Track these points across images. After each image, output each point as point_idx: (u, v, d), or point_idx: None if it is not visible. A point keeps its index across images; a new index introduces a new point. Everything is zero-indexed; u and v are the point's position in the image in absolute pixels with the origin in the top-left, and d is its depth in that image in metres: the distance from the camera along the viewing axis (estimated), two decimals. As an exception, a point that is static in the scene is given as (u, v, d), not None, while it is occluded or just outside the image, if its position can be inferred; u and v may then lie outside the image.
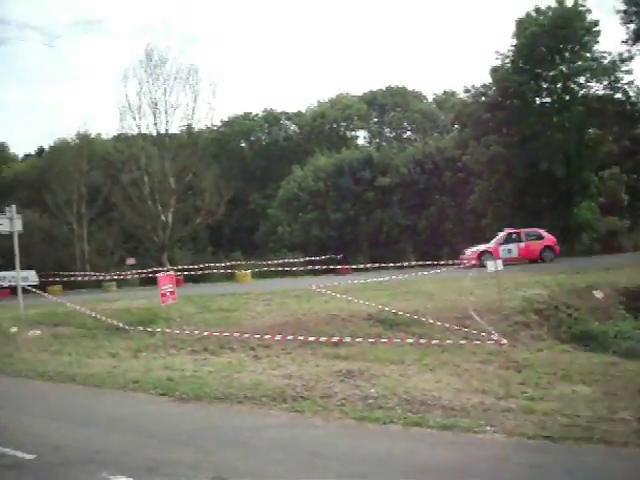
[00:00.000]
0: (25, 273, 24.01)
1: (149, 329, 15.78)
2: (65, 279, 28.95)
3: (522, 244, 28.36)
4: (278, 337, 13.60)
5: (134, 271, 29.82)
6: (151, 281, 26.78)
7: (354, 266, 27.54)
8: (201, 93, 41.74)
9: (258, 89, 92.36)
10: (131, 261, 37.62)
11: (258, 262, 30.25)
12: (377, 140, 53.38)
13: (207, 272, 28.94)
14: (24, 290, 20.20)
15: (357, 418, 8.63)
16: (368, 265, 24.95)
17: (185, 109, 41.55)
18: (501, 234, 29.10)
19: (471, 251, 28.30)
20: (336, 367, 11.64)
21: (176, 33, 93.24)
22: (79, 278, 30.30)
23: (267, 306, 18.37)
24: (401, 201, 39.18)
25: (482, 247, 28.47)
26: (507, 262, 28.29)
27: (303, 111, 55.63)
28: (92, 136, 47.07)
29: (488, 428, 7.75)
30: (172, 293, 18.72)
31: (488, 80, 38.36)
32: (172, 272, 22.26)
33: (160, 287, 18.34)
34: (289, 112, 55.28)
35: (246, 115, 54.38)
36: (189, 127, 42.37)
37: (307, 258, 30.18)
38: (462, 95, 42.12)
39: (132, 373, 12.12)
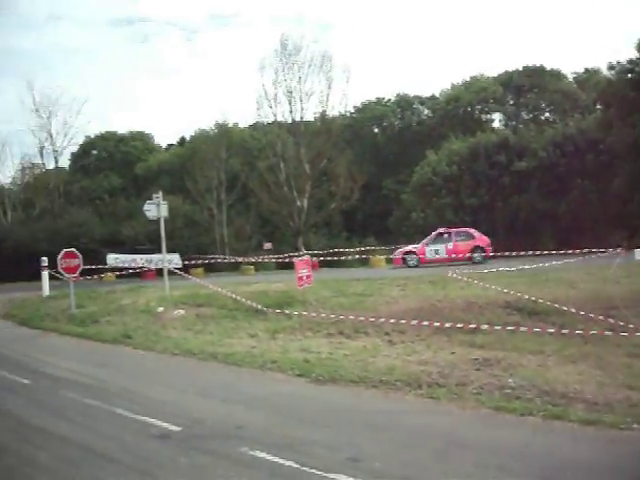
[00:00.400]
0: (170, 256, 25.29)
1: (286, 312, 16.15)
2: (206, 262, 30.23)
3: (451, 244, 28.20)
4: (413, 323, 13.49)
5: (271, 255, 30.68)
6: (287, 265, 27.43)
7: (490, 253, 26.86)
8: (335, 80, 42.06)
9: (391, 74, 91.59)
10: (268, 245, 38.69)
11: (392, 247, 30.09)
12: (513, 123, 51.34)
13: (341, 257, 29.23)
14: (169, 272, 21.27)
15: (494, 408, 8.41)
16: (506, 253, 24.14)
17: (319, 96, 42.07)
18: (432, 233, 29.05)
19: (399, 251, 28.79)
20: (472, 355, 11.39)
21: (309, 21, 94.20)
22: (219, 261, 31.53)
23: (402, 291, 18.28)
24: (539, 186, 37.50)
25: (409, 247, 28.60)
26: (435, 263, 27.72)
27: (437, 95, 54.55)
28: (230, 125, 48.60)
29: (635, 426, 7.31)
30: (308, 277, 19.09)
31: (635, 55, 35.88)
32: (308, 257, 22.67)
33: (297, 271, 18.74)
34: (422, 96, 54.39)
35: (379, 100, 54.09)
36: (323, 114, 42.82)
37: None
38: (606, 73, 39.79)
39: (270, 354, 12.46)
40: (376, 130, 53.95)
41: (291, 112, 42.06)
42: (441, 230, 29.29)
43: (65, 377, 11.76)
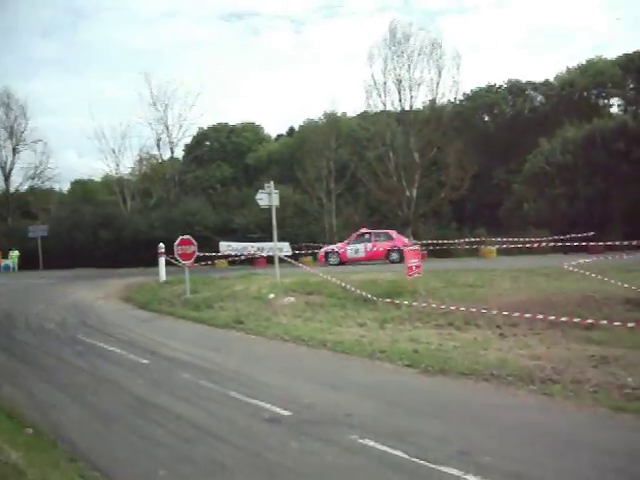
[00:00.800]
0: (280, 244, 25.75)
1: (396, 301, 16.08)
2: (316, 251, 30.58)
3: (370, 244, 29.12)
4: (526, 316, 13.10)
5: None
6: (395, 255, 27.38)
7: (609, 243, 25.67)
8: (445, 67, 41.30)
9: (502, 59, 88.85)
10: (377, 235, 38.67)
11: (503, 238, 29.32)
12: (633, 108, 48.49)
13: (451, 247, 28.77)
14: (279, 260, 21.64)
15: (612, 408, 8.02)
16: (625, 243, 22.96)
17: (429, 84, 41.46)
18: (354, 234, 29.79)
19: (323, 249, 29.63)
20: (588, 352, 10.91)
21: (416, 9, 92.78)
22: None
23: (514, 283, 17.79)
24: (661, 175, 35.36)
25: (332, 246, 29.22)
26: (354, 262, 27.98)
27: (550, 80, 52.25)
28: (338, 115, 48.76)
29: None
30: (418, 267, 18.94)
31: None
32: (418, 246, 22.49)
33: (407, 261, 18.63)
34: (535, 82, 52.30)
35: (489, 87, 52.49)
36: (433, 102, 42.17)
37: (554, 237, 28.64)
38: None
39: (379, 343, 12.45)
40: (486, 118, 52.54)
41: (400, 101, 41.74)
42: (363, 230, 30.62)
43: (181, 359, 12.23)
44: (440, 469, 6.44)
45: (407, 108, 41.81)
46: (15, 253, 41.98)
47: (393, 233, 30.89)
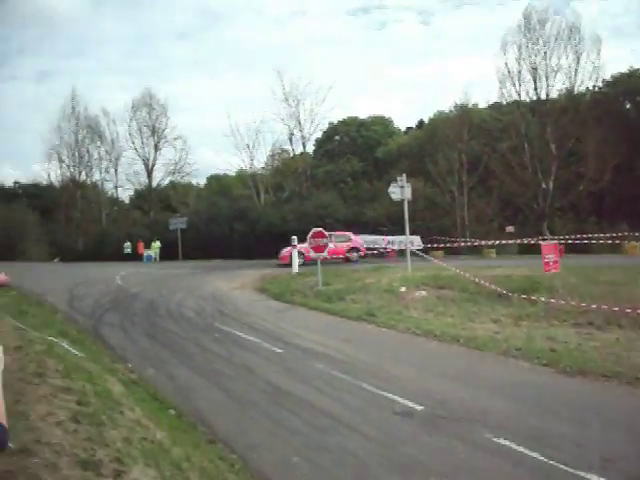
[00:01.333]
0: (411, 238, 25.58)
1: (532, 297, 15.55)
2: (447, 244, 30.16)
3: (332, 245, 28.08)
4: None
5: (514, 239, 29.73)
6: (530, 250, 26.44)
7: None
8: (584, 53, 39.34)
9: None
10: (510, 229, 37.54)
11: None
12: None
13: (591, 243, 27.44)
14: (410, 253, 21.53)
15: None
16: None
17: (566, 71, 39.69)
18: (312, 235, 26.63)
19: (286, 249, 28.83)
20: None
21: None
22: (461, 244, 31.30)
23: (663, 282, 16.70)
24: None
25: (298, 246, 26.65)
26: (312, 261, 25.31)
27: None
28: (470, 106, 47.72)
29: None
30: (555, 263, 18.22)
31: None
32: (555, 241, 21.62)
33: (543, 256, 17.97)
34: (683, 65, 48.58)
35: (632, 72, 49.26)
36: (570, 90, 40.32)
37: None
38: None
39: (514, 340, 12.11)
40: (629, 105, 49.48)
41: (536, 89, 40.25)
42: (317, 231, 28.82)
43: (313, 349, 12.45)
44: (580, 475, 6.18)
45: (543, 97, 40.30)
46: (157, 244, 44.28)
47: (351, 234, 33.18)
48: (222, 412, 8.95)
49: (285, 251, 29.93)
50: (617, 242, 28.31)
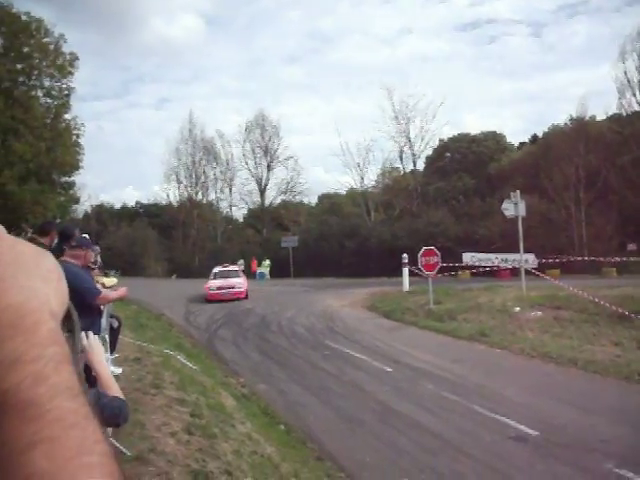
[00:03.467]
0: (526, 256, 24.81)
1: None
2: (564, 261, 28.99)
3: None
4: None
5: (637, 257, 28.20)
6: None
7: None
8: None
9: None
10: (632, 247, 35.66)
11: None
12: None
13: None
14: (525, 272, 20.86)
15: None
16: None
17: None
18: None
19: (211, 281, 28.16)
20: None
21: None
22: (577, 261, 30.01)
23: None
24: None
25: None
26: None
27: None
28: (586, 119, 45.96)
29: None
30: (682, 282, 17.12)
31: None
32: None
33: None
34: None
35: None
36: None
37: None
38: None
39: (636, 364, 11.39)
40: None
41: (656, 98, 38.40)
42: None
43: (423, 368, 12.29)
44: None
45: (668, 105, 38.35)
46: (267, 262, 45.27)
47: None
48: (331, 430, 8.98)
49: (211, 283, 27.72)
50: None
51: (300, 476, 6.78)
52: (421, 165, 56.34)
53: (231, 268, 30.08)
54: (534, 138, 56.46)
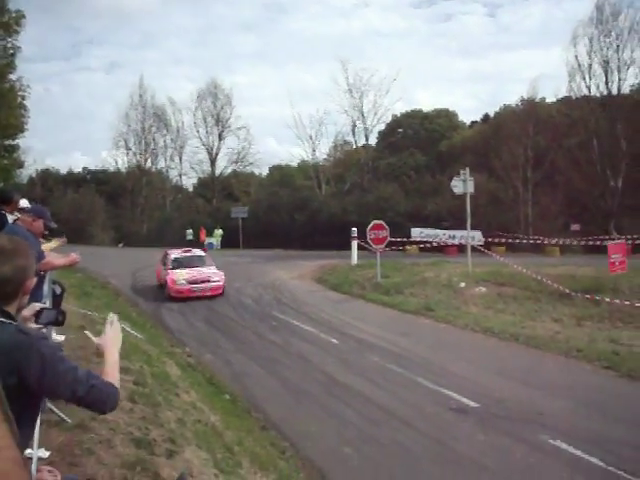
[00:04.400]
0: (473, 233, 25.18)
1: (596, 298, 15.11)
2: (509, 240, 29.56)
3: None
4: None
5: (580, 238, 28.95)
6: (596, 249, 25.65)
7: None
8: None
9: None
10: (576, 227, 36.53)
11: None
12: None
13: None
14: (471, 249, 21.20)
15: None
16: None
17: (640, 65, 38.41)
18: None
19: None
20: None
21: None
22: (523, 241, 30.67)
23: None
24: None
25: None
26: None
27: None
28: (537, 100, 46.65)
29: None
30: (622, 263, 17.61)
31: None
32: (623, 241, 20.91)
33: (610, 256, 17.42)
34: None
35: None
36: (643, 85, 39.02)
37: None
38: None
39: (575, 341, 11.79)
40: None
41: (607, 84, 39.05)
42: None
43: (369, 341, 12.44)
44: (640, 482, 6.02)
45: (614, 92, 39.03)
46: (219, 232, 44.78)
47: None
48: (276, 400, 9.05)
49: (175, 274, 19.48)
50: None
51: (244, 444, 6.81)
52: (373, 140, 56.40)
53: (195, 253, 22.21)
54: (486, 117, 56.99)
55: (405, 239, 29.50)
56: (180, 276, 18.77)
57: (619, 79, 38.56)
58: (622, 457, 6.51)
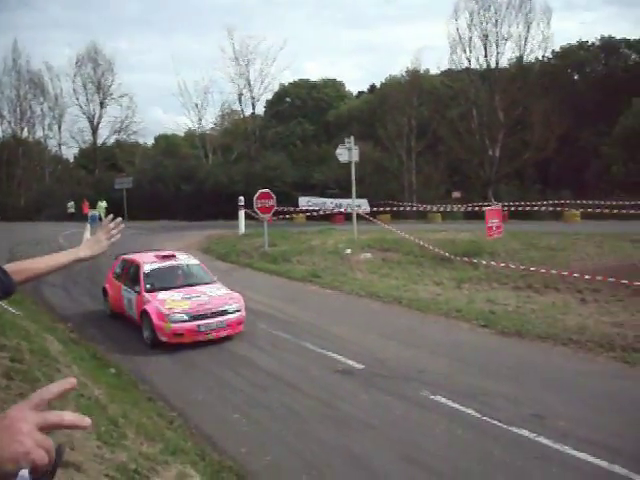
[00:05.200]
0: (359, 201, 25.64)
1: (474, 261, 15.84)
2: (394, 208, 30.36)
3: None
4: (610, 280, 12.63)
5: (459, 204, 30.12)
6: (475, 215, 26.83)
7: None
8: (534, 22, 39.71)
9: (595, 16, 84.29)
10: (457, 194, 37.88)
11: (589, 202, 28.24)
12: None
13: (534, 209, 27.99)
14: (357, 217, 21.59)
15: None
16: None
17: (517, 40, 40.06)
18: None
19: None
20: (679, 322, 10.52)
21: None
22: (407, 208, 31.56)
23: (598, 248, 17.19)
24: None
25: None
26: None
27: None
28: (421, 72, 47.79)
29: None
30: (498, 227, 18.53)
31: None
32: (499, 206, 21.94)
33: (487, 221, 18.24)
34: (630, 39, 49.46)
35: (581, 44, 49.93)
36: (520, 59, 40.75)
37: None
38: None
39: (455, 302, 12.35)
40: (576, 77, 50.25)
41: (486, 57, 40.50)
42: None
43: (257, 309, 12.44)
44: (512, 430, 6.41)
45: (493, 65, 40.56)
46: (103, 204, 43.23)
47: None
48: (163, 371, 8.95)
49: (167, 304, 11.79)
50: (558, 210, 28.97)
51: (129, 417, 6.69)
52: (261, 109, 56.03)
53: (182, 259, 13.10)
54: (372, 88, 57.80)
55: (293, 208, 29.68)
56: (174, 305, 10.60)
57: (497, 52, 40.06)
58: (496, 408, 6.91)
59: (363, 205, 29.73)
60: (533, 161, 39.52)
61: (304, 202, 34.44)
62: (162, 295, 10.85)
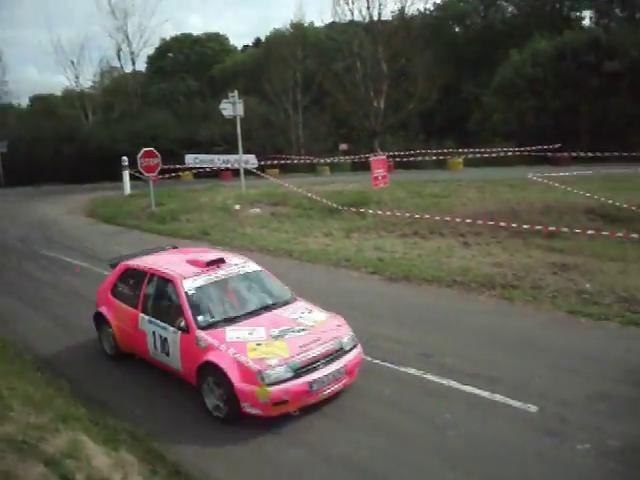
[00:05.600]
0: (246, 157, 25.42)
1: (361, 211, 16.10)
2: (282, 162, 30.31)
3: None
4: (490, 224, 13.21)
5: (347, 156, 30.46)
6: (362, 167, 27.23)
7: (574, 154, 25.77)
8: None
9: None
10: (344, 147, 38.21)
11: (470, 150, 29.26)
12: (605, 21, 47.70)
13: (418, 159, 28.71)
14: (246, 172, 21.43)
15: (569, 311, 8.31)
16: (589, 154, 23.09)
17: (399, -8, 40.46)
18: None
19: None
20: (549, 259, 11.17)
21: None
22: (295, 161, 31.59)
23: (479, 194, 17.91)
24: (630, 88, 35.10)
25: None
26: None
27: (524, -9, 50.96)
28: (305, 25, 47.47)
29: None
30: (384, 177, 18.87)
31: None
32: (384, 156, 22.30)
33: (373, 171, 18.52)
34: (508, -7, 51.10)
35: (462, -2, 51.20)
36: (402, 11, 41.19)
37: (522, 148, 28.59)
38: None
39: (344, 252, 12.57)
40: (457, 29, 51.49)
41: (369, 9, 40.62)
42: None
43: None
44: (401, 370, 6.66)
45: (375, 17, 40.78)
46: (-23, 171, 41.07)
47: None
48: (50, 339, 8.63)
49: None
50: (442, 159, 29.86)
51: (15, 388, 6.42)
52: (142, 66, 54.14)
53: (239, 266, 7.88)
54: (257, 42, 56.95)
55: (179, 166, 29.09)
56: (265, 352, 6.16)
57: (380, 4, 40.18)
58: (386, 350, 7.16)
59: (251, 160, 29.48)
60: (417, 112, 40.28)
61: (191, 159, 33.78)
62: (233, 333, 6.47)
